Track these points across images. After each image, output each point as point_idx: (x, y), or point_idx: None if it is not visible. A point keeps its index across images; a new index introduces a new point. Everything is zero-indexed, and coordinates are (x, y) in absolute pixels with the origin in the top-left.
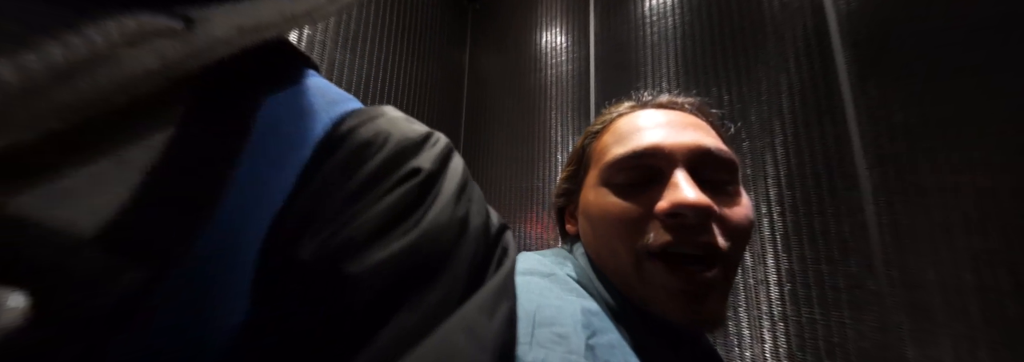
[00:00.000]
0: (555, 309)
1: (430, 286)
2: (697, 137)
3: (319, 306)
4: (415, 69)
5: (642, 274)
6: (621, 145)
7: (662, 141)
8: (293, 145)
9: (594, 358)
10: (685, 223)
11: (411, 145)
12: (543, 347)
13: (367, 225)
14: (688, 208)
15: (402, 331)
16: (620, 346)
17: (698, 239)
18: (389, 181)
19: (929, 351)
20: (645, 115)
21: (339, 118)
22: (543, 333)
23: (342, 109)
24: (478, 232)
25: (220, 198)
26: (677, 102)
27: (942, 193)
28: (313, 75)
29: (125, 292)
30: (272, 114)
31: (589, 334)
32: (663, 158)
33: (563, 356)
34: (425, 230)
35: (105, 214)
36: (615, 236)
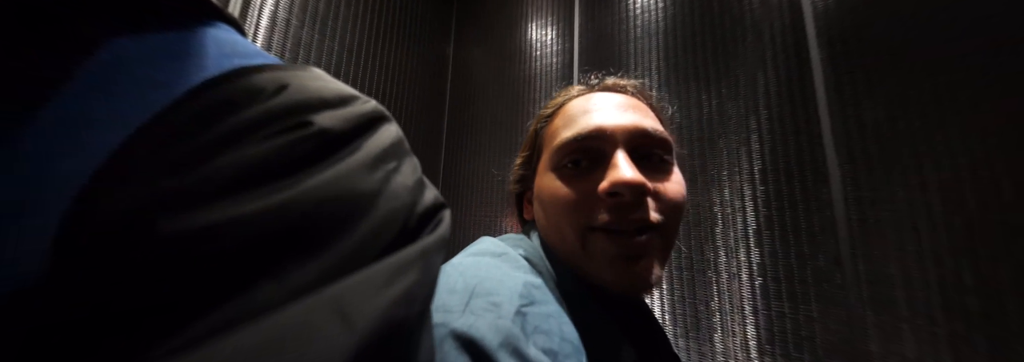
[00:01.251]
0: (496, 282)
1: (302, 257)
2: (636, 119)
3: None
4: (394, 57)
5: (586, 247)
6: (569, 128)
7: (604, 123)
8: (151, 87)
9: (524, 323)
10: (622, 202)
11: (315, 100)
12: (474, 314)
13: (218, 175)
14: (624, 186)
15: (252, 305)
16: (557, 315)
17: (633, 216)
18: (268, 129)
19: (892, 345)
20: (591, 99)
21: (235, 69)
22: (478, 302)
23: (244, 62)
24: (394, 207)
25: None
26: (621, 85)
27: (909, 190)
28: (223, 29)
29: None
30: (115, 58)
31: (524, 303)
32: (605, 140)
33: (492, 321)
34: (302, 191)
35: None
36: (563, 218)
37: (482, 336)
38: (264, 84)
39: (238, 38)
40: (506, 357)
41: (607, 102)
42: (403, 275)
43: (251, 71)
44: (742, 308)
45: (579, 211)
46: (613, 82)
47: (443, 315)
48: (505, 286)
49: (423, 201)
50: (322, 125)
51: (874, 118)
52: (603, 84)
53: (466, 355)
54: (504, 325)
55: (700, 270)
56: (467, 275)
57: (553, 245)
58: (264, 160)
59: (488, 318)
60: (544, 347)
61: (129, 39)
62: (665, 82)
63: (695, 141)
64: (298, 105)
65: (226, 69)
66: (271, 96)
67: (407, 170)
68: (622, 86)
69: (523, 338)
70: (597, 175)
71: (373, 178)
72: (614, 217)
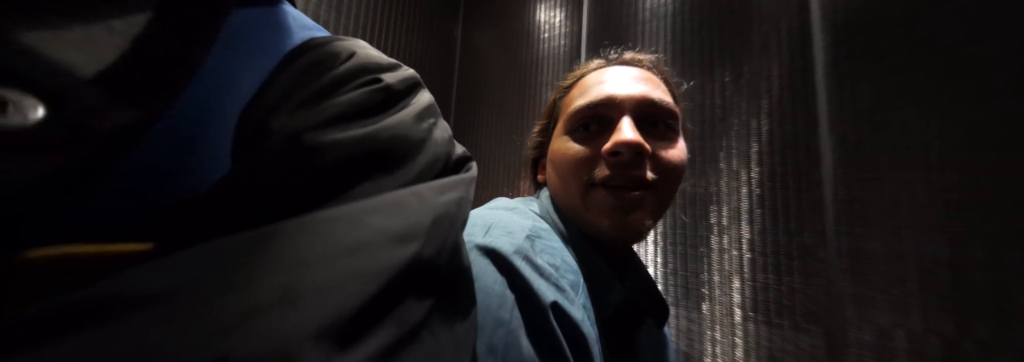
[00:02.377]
0: (509, 221)
1: (387, 172)
2: (646, 90)
3: (283, 166)
4: (404, 37)
5: (587, 200)
6: (583, 97)
7: (615, 93)
8: (263, 51)
9: (532, 244)
10: (622, 160)
11: (376, 65)
12: (492, 236)
13: (327, 112)
14: (623, 146)
15: (361, 193)
16: (560, 249)
17: (630, 173)
18: (353, 84)
19: (866, 313)
20: (608, 72)
21: (310, 38)
22: (495, 231)
23: (314, 34)
24: (440, 153)
25: (191, 74)
26: (638, 59)
27: (895, 172)
28: (288, 5)
29: (118, 125)
30: (241, 23)
31: (533, 234)
32: (614, 107)
33: (507, 239)
34: (383, 128)
35: (99, 65)
36: (570, 174)
37: (500, 246)
38: (338, 50)
39: (298, 13)
40: (519, 260)
41: (622, 74)
42: (453, 190)
43: (325, 40)
44: (730, 279)
45: (583, 167)
46: (631, 56)
47: (467, 237)
48: (516, 224)
49: (456, 151)
50: (388, 82)
51: (868, 104)
52: (621, 58)
53: (487, 258)
54: (517, 241)
55: (693, 245)
56: (485, 217)
57: (559, 200)
58: (354, 103)
59: (504, 239)
60: (549, 262)
61: (245, 11)
62: (671, 65)
63: (696, 123)
64: (367, 66)
65: (305, 38)
66: (346, 59)
67: (443, 126)
68: (639, 60)
69: (532, 251)
70: (604, 138)
71: (421, 128)
72: (613, 173)
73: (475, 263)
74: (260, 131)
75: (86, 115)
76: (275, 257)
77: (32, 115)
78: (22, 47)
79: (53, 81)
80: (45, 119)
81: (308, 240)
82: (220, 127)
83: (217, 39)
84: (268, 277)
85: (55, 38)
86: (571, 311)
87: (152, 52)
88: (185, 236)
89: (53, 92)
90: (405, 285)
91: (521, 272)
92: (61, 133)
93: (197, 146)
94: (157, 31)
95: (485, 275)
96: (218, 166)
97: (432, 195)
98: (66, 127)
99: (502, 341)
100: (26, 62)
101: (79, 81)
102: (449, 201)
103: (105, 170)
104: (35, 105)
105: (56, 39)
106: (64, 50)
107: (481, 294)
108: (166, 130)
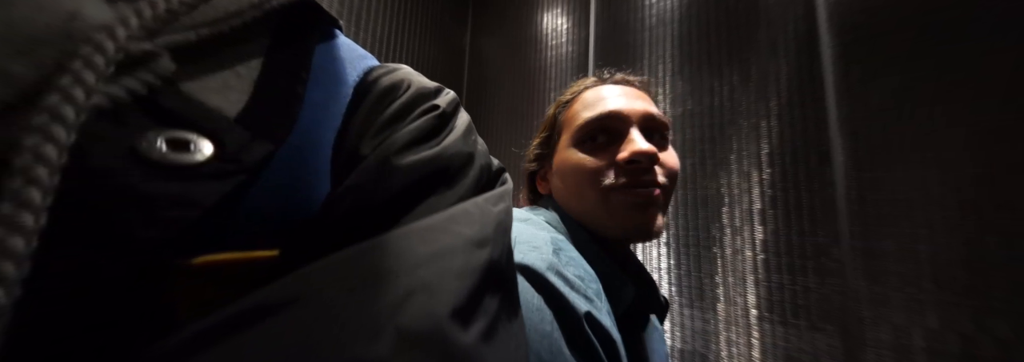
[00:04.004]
0: (531, 235)
1: (449, 186)
2: (646, 105)
3: (376, 185)
4: (416, 46)
5: (607, 204)
6: (590, 111)
7: (622, 108)
8: (340, 81)
9: (559, 257)
10: (639, 167)
11: (428, 92)
12: (522, 253)
13: (403, 138)
14: (642, 155)
15: (436, 204)
16: (580, 259)
17: (646, 178)
18: (416, 113)
19: (882, 311)
20: (606, 89)
21: (368, 68)
22: (522, 247)
23: (369, 62)
24: (483, 165)
25: (300, 106)
26: (629, 80)
27: (908, 171)
28: (340, 34)
29: (259, 155)
30: (320, 58)
31: (556, 247)
32: (622, 120)
33: (537, 255)
34: (444, 148)
35: (238, 106)
36: (585, 183)
37: (533, 263)
38: (397, 81)
39: (349, 41)
40: (553, 275)
41: (620, 92)
42: (502, 201)
43: (383, 72)
44: (744, 280)
45: (598, 177)
46: (622, 77)
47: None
48: (539, 237)
49: (494, 164)
50: (443, 108)
51: (879, 104)
52: (614, 78)
53: (521, 276)
54: (547, 257)
55: (706, 247)
56: None
57: (571, 208)
58: (420, 130)
59: (534, 254)
60: (575, 274)
61: (321, 46)
62: (679, 69)
63: (706, 126)
64: (424, 95)
65: (366, 68)
66: (406, 90)
67: (480, 140)
68: (631, 81)
69: (562, 265)
70: (614, 148)
71: (468, 143)
72: (631, 179)
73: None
74: (352, 155)
75: (239, 150)
76: (400, 257)
77: (206, 152)
78: (189, 97)
79: (214, 124)
80: (214, 155)
81: (419, 243)
82: (320, 151)
83: (310, 74)
84: (402, 272)
85: (205, 87)
86: (601, 319)
87: (271, 91)
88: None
89: (215, 133)
90: (485, 282)
91: (556, 287)
92: (225, 165)
93: (306, 169)
94: (271, 73)
95: (524, 292)
96: (321, 184)
97: (489, 206)
98: (227, 160)
99: (548, 351)
100: (194, 109)
101: (229, 122)
102: (501, 210)
103: (246, 193)
104: (206, 144)
105: (206, 88)
106: (213, 97)
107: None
108: (284, 157)
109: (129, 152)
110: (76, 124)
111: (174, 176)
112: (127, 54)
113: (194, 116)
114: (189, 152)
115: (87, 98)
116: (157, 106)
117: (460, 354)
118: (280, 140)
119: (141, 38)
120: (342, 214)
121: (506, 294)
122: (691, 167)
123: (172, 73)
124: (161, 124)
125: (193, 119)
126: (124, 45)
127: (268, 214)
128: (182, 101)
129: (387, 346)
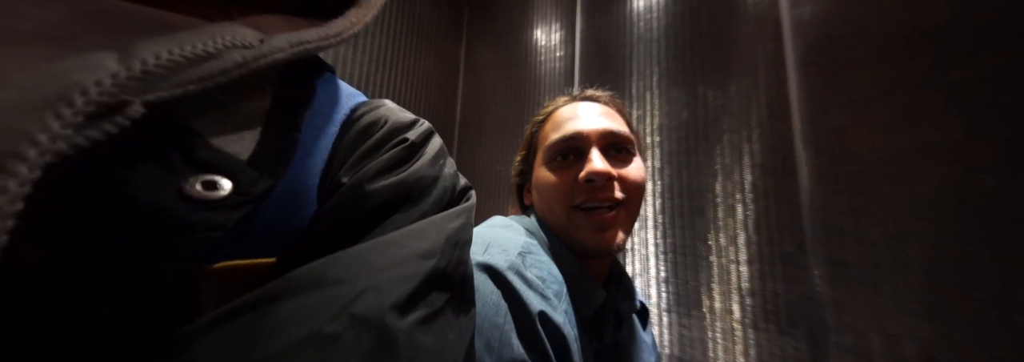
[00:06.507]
0: (505, 239)
1: (413, 204)
2: (607, 123)
3: (351, 205)
4: (413, 63)
5: (572, 220)
6: (556, 132)
7: (582, 128)
8: (327, 122)
9: (524, 260)
10: (595, 186)
11: (403, 125)
12: (490, 254)
13: (375, 167)
14: (596, 175)
15: (398, 221)
16: (547, 262)
17: (603, 195)
18: (388, 145)
19: (845, 317)
20: (573, 108)
21: (355, 106)
22: (493, 249)
23: (356, 100)
24: (448, 186)
25: (295, 149)
26: (596, 95)
27: (869, 181)
28: (334, 77)
29: (264, 189)
30: (315, 102)
31: (524, 251)
32: (583, 140)
33: (503, 256)
34: (409, 174)
35: (248, 152)
36: (554, 199)
37: (496, 263)
38: (376, 118)
39: (341, 81)
40: (512, 274)
41: (586, 111)
42: (458, 218)
43: (366, 109)
44: (725, 287)
45: (564, 193)
46: (590, 93)
47: (470, 256)
48: (511, 241)
49: (460, 183)
50: (411, 139)
51: (839, 118)
52: (582, 94)
53: (485, 274)
54: (510, 258)
55: (691, 254)
56: (485, 236)
57: (547, 220)
58: (390, 160)
59: (500, 256)
60: (537, 275)
61: (320, 84)
62: (660, 85)
63: (696, 138)
64: (398, 129)
65: (353, 105)
66: (383, 125)
67: (450, 164)
68: (597, 97)
69: (523, 267)
70: (578, 167)
71: (434, 168)
72: (589, 197)
73: (476, 277)
74: (335, 183)
75: (250, 186)
76: (362, 265)
77: (226, 188)
78: (216, 148)
79: (232, 167)
80: (232, 190)
81: (377, 255)
82: (309, 180)
83: (307, 115)
84: (361, 276)
85: (227, 139)
86: (554, 316)
87: (275, 138)
88: (300, 254)
89: (233, 174)
90: (430, 284)
91: (513, 285)
92: (239, 198)
93: (296, 195)
94: (275, 122)
95: (484, 287)
96: (309, 206)
97: (444, 223)
98: (241, 194)
99: (497, 340)
100: (220, 158)
101: (242, 164)
102: (455, 227)
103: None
104: (227, 182)
105: (228, 140)
106: (232, 146)
107: (481, 302)
108: (281, 188)
109: (177, 192)
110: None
111: (206, 208)
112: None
113: (219, 163)
114: (215, 189)
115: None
116: (196, 157)
117: (392, 333)
118: (279, 176)
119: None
120: (323, 230)
121: (456, 294)
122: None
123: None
124: (198, 170)
125: (219, 165)
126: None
127: (268, 230)
128: (212, 152)
129: (341, 325)
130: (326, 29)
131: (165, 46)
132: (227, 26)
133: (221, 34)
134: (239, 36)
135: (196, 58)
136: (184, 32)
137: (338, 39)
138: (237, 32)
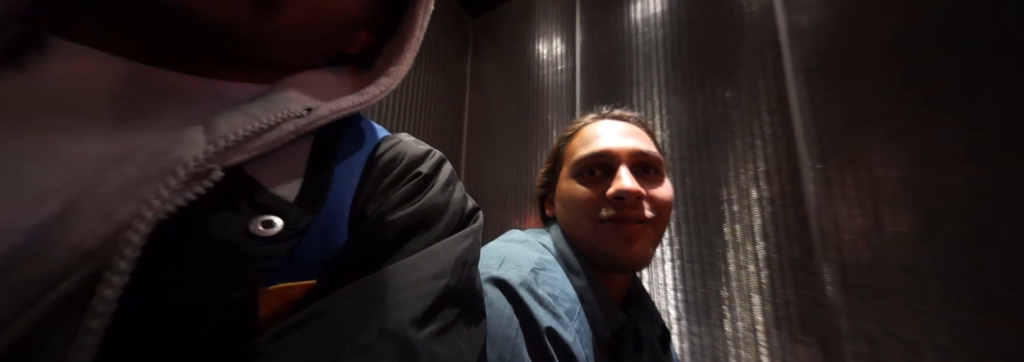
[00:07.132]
0: (520, 255)
1: (427, 230)
2: (636, 143)
3: (375, 235)
4: (422, 78)
5: (598, 233)
6: (585, 148)
7: (611, 146)
8: (356, 161)
9: (536, 277)
10: (624, 203)
11: (417, 159)
12: (504, 269)
13: (395, 200)
14: (625, 192)
15: (414, 246)
16: (561, 279)
17: (632, 213)
18: (405, 179)
19: (858, 323)
20: (602, 125)
21: (377, 143)
22: (507, 264)
23: (380, 135)
24: (457, 209)
25: (329, 188)
26: (625, 115)
27: (873, 185)
28: (363, 118)
29: (306, 224)
30: (344, 144)
31: (538, 268)
32: (612, 157)
33: (516, 272)
34: (423, 203)
35: (293, 194)
36: (580, 212)
37: (509, 278)
38: (394, 156)
39: (368, 120)
40: (523, 290)
41: (615, 129)
42: (467, 239)
43: (387, 147)
44: (749, 296)
45: (591, 206)
46: (619, 113)
47: (484, 269)
48: (525, 257)
49: (468, 206)
50: (424, 172)
51: (842, 127)
52: (611, 114)
53: (497, 289)
54: (523, 274)
55: (710, 263)
56: (501, 251)
57: (571, 233)
58: (407, 192)
59: (514, 271)
60: (549, 292)
61: (349, 128)
62: (658, 93)
63: (698, 146)
64: (413, 163)
65: (375, 142)
66: (400, 160)
67: (459, 189)
68: (626, 117)
69: (535, 283)
70: (607, 182)
71: (445, 195)
72: (618, 213)
73: (489, 292)
74: (362, 214)
75: (296, 221)
76: (386, 286)
77: (279, 225)
78: (273, 194)
79: (284, 208)
80: (283, 226)
81: (399, 278)
82: (340, 214)
83: (337, 160)
84: (387, 296)
85: (281, 187)
86: (563, 334)
87: (315, 180)
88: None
89: (285, 214)
90: (443, 300)
91: (524, 301)
92: (289, 232)
93: (331, 227)
94: (314, 167)
95: (497, 301)
96: (342, 235)
97: (454, 245)
98: (290, 229)
99: (509, 352)
100: (276, 202)
101: (291, 205)
102: (464, 248)
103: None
104: (279, 221)
105: (282, 187)
106: (284, 191)
107: (494, 316)
108: (319, 221)
109: (244, 231)
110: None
111: (265, 243)
112: (194, 174)
113: (275, 205)
114: (272, 227)
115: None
116: (257, 202)
117: (412, 344)
118: (318, 212)
119: (212, 160)
120: (354, 255)
121: (466, 308)
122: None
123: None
124: (259, 212)
125: (275, 207)
126: (191, 170)
127: (310, 257)
128: (269, 198)
129: (373, 337)
130: (359, 97)
131: (239, 122)
132: (279, 96)
133: (275, 108)
134: (292, 107)
135: (260, 131)
136: (248, 105)
137: (369, 104)
138: (289, 102)
